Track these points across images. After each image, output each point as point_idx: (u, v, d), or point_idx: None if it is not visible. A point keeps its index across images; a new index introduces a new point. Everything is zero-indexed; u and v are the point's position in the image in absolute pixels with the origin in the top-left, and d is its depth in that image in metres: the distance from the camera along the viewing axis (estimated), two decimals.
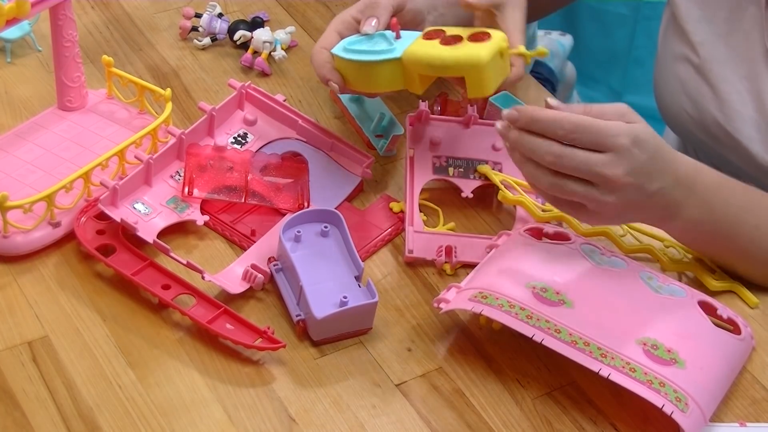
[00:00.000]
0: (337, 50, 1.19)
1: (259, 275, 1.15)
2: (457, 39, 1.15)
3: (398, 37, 1.19)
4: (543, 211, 1.22)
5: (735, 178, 1.36)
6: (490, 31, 1.15)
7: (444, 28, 1.17)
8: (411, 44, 1.17)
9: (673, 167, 1.10)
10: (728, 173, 1.37)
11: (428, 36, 1.17)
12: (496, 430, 1.07)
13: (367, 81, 1.19)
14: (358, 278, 1.15)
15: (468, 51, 1.13)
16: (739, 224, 1.15)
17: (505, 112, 1.09)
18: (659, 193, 1.10)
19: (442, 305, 1.10)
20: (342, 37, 1.21)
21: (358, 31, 1.21)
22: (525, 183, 1.24)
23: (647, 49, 2.30)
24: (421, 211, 1.26)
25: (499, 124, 1.10)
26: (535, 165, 1.08)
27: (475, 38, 1.15)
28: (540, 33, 2.18)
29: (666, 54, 1.36)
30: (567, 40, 2.20)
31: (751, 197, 1.17)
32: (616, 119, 1.08)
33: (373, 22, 1.19)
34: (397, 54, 1.16)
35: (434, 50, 1.15)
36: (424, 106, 1.26)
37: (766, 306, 1.20)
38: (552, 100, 1.10)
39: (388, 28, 1.20)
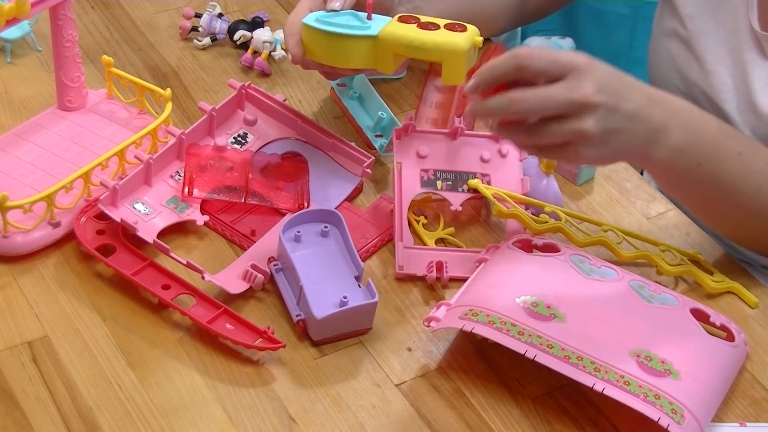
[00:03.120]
0: (309, 20, 1.19)
1: (259, 275, 1.15)
2: (434, 26, 1.17)
3: (369, 18, 1.20)
4: (538, 223, 1.21)
5: None
6: (464, 24, 1.18)
7: (417, 15, 1.19)
8: (387, 25, 1.18)
9: (642, 87, 1.08)
10: None
11: (403, 20, 1.19)
12: (496, 430, 1.07)
13: (336, 54, 1.19)
14: (358, 278, 1.15)
15: (448, 38, 1.16)
16: (723, 150, 1.12)
17: (467, 85, 1.06)
18: (637, 114, 1.06)
19: (432, 324, 1.10)
20: (312, 12, 1.21)
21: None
22: (517, 195, 1.23)
23: (647, 49, 2.30)
24: (422, 214, 1.26)
25: (470, 101, 1.07)
26: (509, 125, 1.06)
27: (451, 28, 1.17)
28: (541, 37, 2.18)
29: (659, 32, 1.38)
30: (566, 43, 2.20)
31: (726, 125, 1.16)
32: (573, 55, 1.06)
33: (338, 3, 1.20)
34: (372, 32, 1.17)
35: (414, 32, 1.17)
36: (409, 119, 1.26)
37: (766, 306, 1.20)
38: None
39: (355, 9, 1.21)
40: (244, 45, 1.45)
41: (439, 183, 1.25)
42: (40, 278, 1.17)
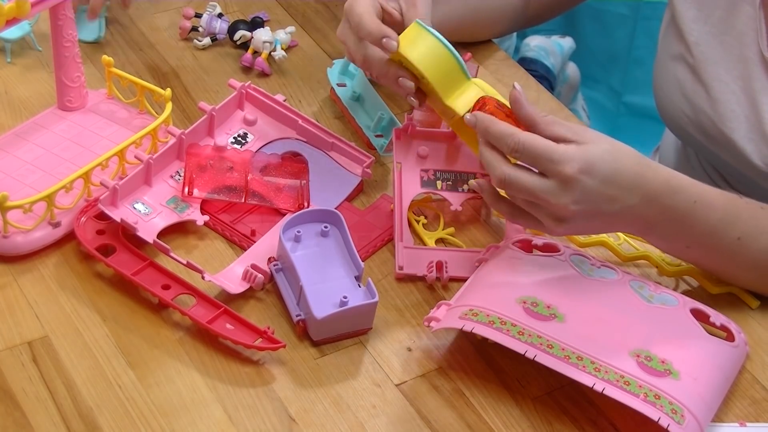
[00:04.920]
0: (426, 26, 1.15)
1: (259, 275, 1.15)
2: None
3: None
4: None
5: (732, 180, 1.35)
6: None
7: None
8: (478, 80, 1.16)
9: (639, 185, 1.07)
10: (725, 174, 1.36)
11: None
12: (496, 430, 1.07)
13: (434, 66, 1.14)
14: (358, 278, 1.15)
15: None
16: (720, 237, 1.12)
17: (467, 118, 1.09)
18: (622, 212, 1.08)
19: (432, 324, 1.10)
20: (381, 6, 1.19)
21: (381, 7, 1.20)
22: None
23: (647, 49, 2.30)
24: (422, 214, 1.26)
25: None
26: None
27: None
28: (541, 36, 2.18)
29: (664, 54, 1.36)
30: (566, 42, 2.20)
31: (732, 209, 1.13)
32: (571, 137, 1.06)
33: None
34: (470, 75, 1.15)
35: (503, 98, 1.14)
36: (409, 119, 1.26)
37: (766, 306, 1.20)
38: (517, 85, 1.09)
39: None
40: (244, 45, 1.45)
41: (439, 183, 1.25)
42: (40, 278, 1.17)
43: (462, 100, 1.15)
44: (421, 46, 1.14)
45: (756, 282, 1.18)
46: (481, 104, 1.12)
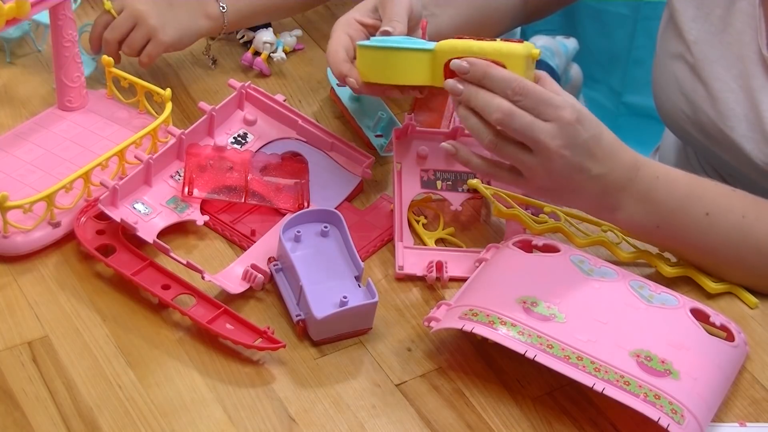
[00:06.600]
0: (365, 42, 1.18)
1: (259, 275, 1.15)
2: (491, 39, 1.15)
3: (424, 37, 1.21)
4: (537, 223, 1.21)
5: (732, 179, 1.35)
6: (520, 39, 1.16)
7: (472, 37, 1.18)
8: (443, 41, 1.16)
9: (616, 154, 1.12)
10: (725, 174, 1.37)
11: (458, 38, 1.17)
12: (496, 430, 1.07)
13: (394, 71, 1.17)
14: (358, 278, 1.15)
15: (507, 45, 1.13)
16: (687, 213, 1.15)
17: (455, 62, 1.11)
18: (592, 180, 1.11)
19: (432, 324, 1.10)
20: (351, 39, 1.21)
21: (364, 33, 1.22)
22: (517, 195, 1.23)
23: (647, 49, 2.29)
24: (422, 214, 1.26)
25: (450, 81, 1.12)
26: (481, 120, 1.11)
27: (508, 41, 1.15)
28: (546, 36, 2.18)
29: (663, 53, 1.36)
30: (570, 43, 2.20)
31: (696, 186, 1.16)
32: (565, 105, 1.11)
33: (396, 26, 1.20)
34: (429, 47, 1.15)
35: (472, 42, 1.14)
36: (409, 119, 1.26)
37: (766, 306, 1.20)
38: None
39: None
40: (248, 44, 1.45)
41: (439, 183, 1.25)
42: (40, 278, 1.17)
43: (439, 72, 1.15)
44: (373, 65, 1.18)
45: (731, 266, 1.19)
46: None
